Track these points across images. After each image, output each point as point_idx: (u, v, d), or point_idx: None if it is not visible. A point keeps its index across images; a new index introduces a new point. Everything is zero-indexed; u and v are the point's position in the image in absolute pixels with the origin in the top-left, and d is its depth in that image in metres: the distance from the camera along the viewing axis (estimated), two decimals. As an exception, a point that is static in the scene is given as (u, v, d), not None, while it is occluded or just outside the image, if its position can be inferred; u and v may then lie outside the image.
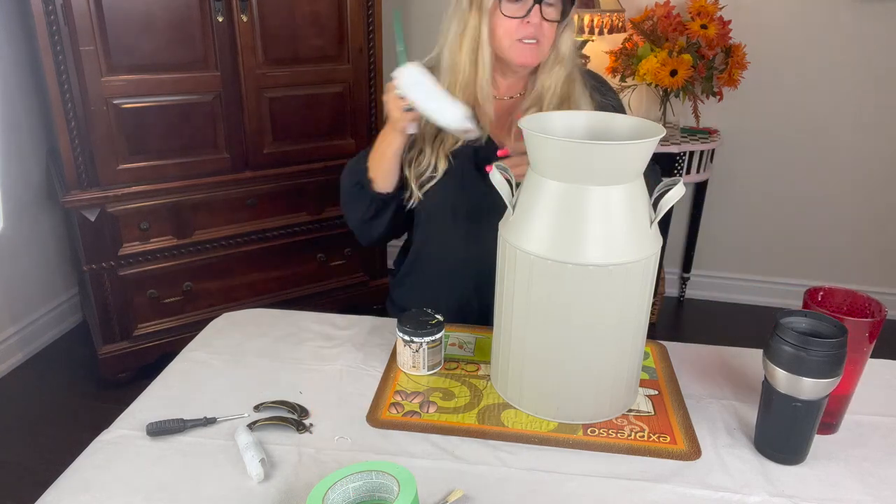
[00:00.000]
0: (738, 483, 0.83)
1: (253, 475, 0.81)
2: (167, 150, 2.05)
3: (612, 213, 0.85)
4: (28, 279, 2.39)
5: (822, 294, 0.93)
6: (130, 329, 2.14)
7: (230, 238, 2.22)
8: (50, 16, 1.77)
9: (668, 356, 1.10)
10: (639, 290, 0.89)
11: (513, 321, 0.93)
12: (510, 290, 0.92)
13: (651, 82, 2.35)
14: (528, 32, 1.10)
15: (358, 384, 1.01)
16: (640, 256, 0.87)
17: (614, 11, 2.35)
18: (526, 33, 1.11)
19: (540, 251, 0.86)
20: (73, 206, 1.95)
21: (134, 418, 0.93)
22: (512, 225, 0.91)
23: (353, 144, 2.35)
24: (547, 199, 0.87)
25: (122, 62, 1.90)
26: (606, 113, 1.03)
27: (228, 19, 2.01)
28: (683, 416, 0.95)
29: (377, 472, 0.75)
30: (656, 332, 2.67)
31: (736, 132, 2.65)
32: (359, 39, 2.24)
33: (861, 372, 0.90)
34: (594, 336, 0.89)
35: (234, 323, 1.19)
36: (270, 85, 2.14)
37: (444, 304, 1.14)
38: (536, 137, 0.86)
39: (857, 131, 2.58)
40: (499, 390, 1.00)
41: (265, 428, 0.90)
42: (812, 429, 0.84)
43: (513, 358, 0.95)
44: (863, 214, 2.69)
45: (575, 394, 0.92)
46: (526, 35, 1.11)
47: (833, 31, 2.47)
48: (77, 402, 2.14)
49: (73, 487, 0.81)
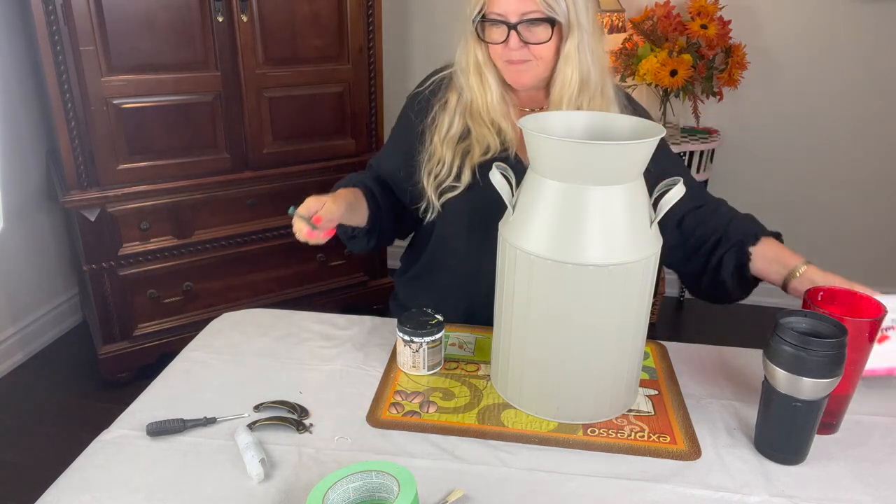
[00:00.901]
0: (738, 483, 0.83)
1: (253, 475, 0.81)
2: (167, 150, 2.05)
3: (613, 213, 0.85)
4: (28, 279, 2.39)
5: (822, 294, 0.93)
6: (130, 329, 2.14)
7: (230, 238, 2.22)
8: (50, 16, 1.77)
9: (668, 356, 1.10)
10: (639, 290, 0.89)
11: (513, 321, 0.93)
12: (510, 291, 0.92)
13: (651, 82, 2.35)
14: (513, 56, 1.07)
15: (358, 384, 1.01)
16: (641, 256, 0.87)
17: (614, 11, 2.35)
18: (510, 57, 1.07)
19: (540, 251, 0.86)
20: (73, 206, 1.95)
21: (134, 418, 0.93)
22: (512, 225, 0.91)
23: (353, 144, 2.35)
24: (547, 199, 0.87)
25: (122, 62, 1.90)
26: (606, 113, 1.03)
27: (228, 19, 2.01)
28: (683, 416, 0.95)
29: (377, 472, 0.75)
30: (656, 332, 2.67)
31: (736, 132, 2.65)
32: (359, 39, 2.24)
33: (861, 372, 0.90)
34: (594, 336, 0.89)
35: (234, 323, 1.19)
36: (270, 85, 2.14)
37: (453, 311, 1.14)
38: (536, 137, 0.86)
39: (857, 131, 2.58)
40: (499, 390, 1.00)
41: (265, 428, 0.90)
42: (812, 429, 0.84)
43: (513, 358, 0.95)
44: (863, 214, 2.69)
45: (575, 394, 0.92)
46: (510, 59, 1.07)
47: (833, 31, 2.47)
48: (77, 402, 2.14)
49: (73, 487, 0.81)
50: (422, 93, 1.22)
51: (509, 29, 1.04)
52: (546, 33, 1.05)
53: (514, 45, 1.05)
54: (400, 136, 1.25)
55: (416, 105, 1.22)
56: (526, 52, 1.06)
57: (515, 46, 1.05)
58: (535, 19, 1.03)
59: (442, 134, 1.16)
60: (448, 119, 1.16)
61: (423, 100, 1.21)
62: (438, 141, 1.16)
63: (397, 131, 1.27)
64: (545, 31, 1.05)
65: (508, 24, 1.04)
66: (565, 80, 1.08)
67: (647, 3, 2.49)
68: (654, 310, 2.67)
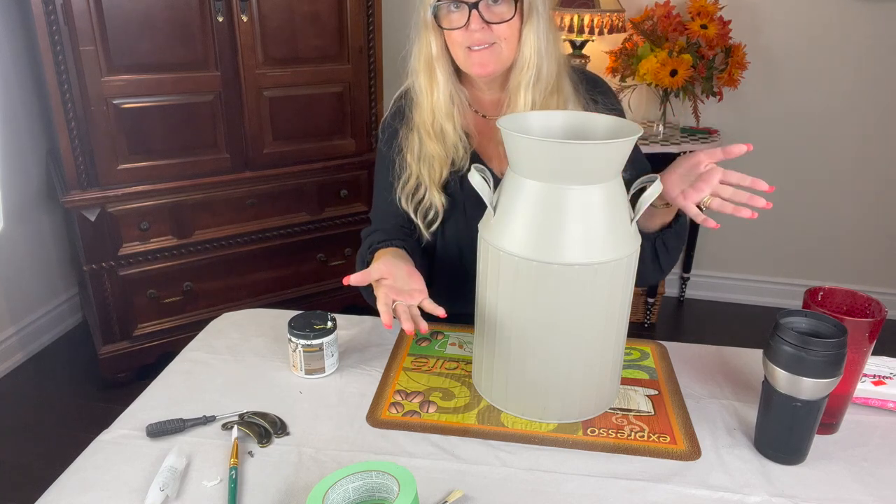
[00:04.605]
0: (738, 483, 0.83)
1: (147, 500, 0.77)
2: (167, 150, 2.05)
3: (595, 212, 0.85)
4: (28, 279, 2.39)
5: (822, 294, 0.93)
6: (130, 329, 2.14)
7: (230, 238, 2.22)
8: (50, 16, 1.77)
9: (668, 356, 1.10)
10: (622, 286, 0.89)
11: (497, 323, 0.92)
12: (493, 293, 0.92)
13: (651, 82, 2.35)
14: (475, 38, 1.02)
15: (358, 384, 1.01)
16: (624, 254, 0.87)
17: (614, 11, 2.35)
18: (472, 40, 1.02)
19: (525, 253, 0.86)
20: (73, 206, 1.95)
21: (134, 418, 0.93)
22: (493, 227, 0.90)
23: (353, 144, 2.35)
24: (528, 199, 0.87)
25: (122, 62, 1.90)
26: (584, 112, 1.02)
27: (228, 19, 2.01)
28: (683, 416, 0.95)
29: (377, 471, 0.75)
30: (656, 332, 2.67)
31: (736, 132, 2.65)
32: (359, 39, 2.24)
33: (861, 372, 0.90)
34: (579, 335, 0.89)
35: (234, 323, 1.19)
36: (270, 85, 2.14)
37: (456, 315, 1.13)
38: (514, 137, 0.86)
39: (856, 131, 2.58)
40: (482, 393, 0.99)
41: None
42: (812, 429, 0.84)
43: (497, 360, 0.94)
44: (863, 214, 2.69)
45: (561, 393, 0.92)
46: (473, 42, 1.02)
47: (833, 31, 2.47)
48: (77, 402, 2.14)
49: (73, 487, 0.81)
50: (386, 119, 1.20)
51: (470, 9, 1.00)
52: (509, 10, 1.01)
53: (475, 27, 1.00)
54: (381, 170, 1.21)
55: (385, 135, 1.19)
56: (489, 32, 1.02)
57: (477, 27, 1.00)
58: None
59: (415, 153, 1.13)
60: (417, 136, 1.13)
61: (387, 126, 1.19)
62: (412, 160, 1.13)
63: (378, 167, 1.22)
64: (508, 9, 1.01)
65: (468, 3, 1.00)
66: (524, 63, 1.05)
67: (647, 3, 2.49)
68: (654, 310, 2.67)
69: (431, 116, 1.10)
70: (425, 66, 1.09)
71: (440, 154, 1.11)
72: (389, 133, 1.18)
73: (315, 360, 1.01)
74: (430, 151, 1.12)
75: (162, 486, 0.79)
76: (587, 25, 2.33)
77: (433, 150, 1.11)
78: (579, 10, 2.32)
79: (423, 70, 1.09)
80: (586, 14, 2.32)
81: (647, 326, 2.68)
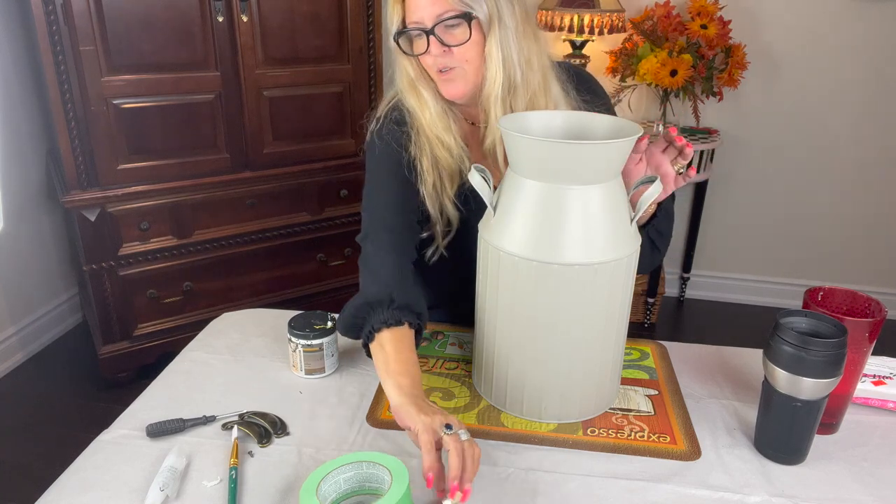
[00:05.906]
0: (738, 483, 0.83)
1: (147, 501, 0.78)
2: (167, 150, 2.05)
3: (595, 212, 0.85)
4: (28, 279, 2.39)
5: (822, 294, 0.93)
6: (130, 329, 2.14)
7: (230, 238, 2.22)
8: (50, 16, 1.77)
9: (668, 356, 1.10)
10: (622, 286, 0.89)
11: (496, 324, 0.92)
12: (493, 293, 0.92)
13: (651, 82, 2.35)
14: (440, 63, 1.00)
15: (358, 384, 1.02)
16: (624, 254, 0.87)
17: (614, 11, 2.35)
18: (438, 64, 1.00)
19: (525, 253, 0.86)
20: (73, 206, 1.95)
21: (134, 418, 0.93)
22: (493, 227, 0.90)
23: (353, 144, 2.35)
24: (528, 199, 0.87)
25: (122, 62, 1.90)
26: (584, 112, 1.01)
27: (228, 19, 2.01)
28: (683, 416, 0.95)
29: (368, 462, 0.75)
30: (656, 332, 2.67)
31: (736, 132, 2.66)
32: (359, 39, 2.24)
33: (861, 372, 0.90)
34: (580, 335, 0.89)
35: (234, 323, 1.19)
36: (270, 85, 2.14)
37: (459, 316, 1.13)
38: (514, 137, 0.86)
39: (856, 131, 2.58)
40: (482, 393, 0.99)
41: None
42: (812, 429, 0.84)
43: (497, 361, 0.94)
44: (862, 214, 2.69)
45: (561, 393, 0.92)
46: (438, 66, 1.01)
47: (833, 32, 2.47)
48: (77, 402, 2.14)
49: (73, 487, 0.81)
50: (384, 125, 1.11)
51: (427, 35, 0.98)
52: (465, 33, 0.98)
53: (435, 52, 0.99)
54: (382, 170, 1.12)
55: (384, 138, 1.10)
56: (450, 57, 1.00)
57: (437, 52, 0.99)
58: (451, 17, 0.97)
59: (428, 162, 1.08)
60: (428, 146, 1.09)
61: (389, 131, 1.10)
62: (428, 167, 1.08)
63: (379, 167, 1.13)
64: (463, 31, 0.98)
65: (425, 30, 0.98)
66: (491, 79, 1.02)
67: (647, 3, 2.49)
68: (654, 310, 2.67)
69: (432, 131, 1.09)
70: (409, 88, 1.07)
71: (450, 164, 1.09)
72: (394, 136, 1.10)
73: (315, 360, 1.01)
74: (441, 162, 1.09)
75: (162, 486, 0.79)
76: (587, 25, 2.32)
77: (444, 161, 1.09)
78: (579, 10, 2.32)
79: (408, 91, 1.08)
80: (586, 14, 2.32)
81: (647, 326, 2.68)
